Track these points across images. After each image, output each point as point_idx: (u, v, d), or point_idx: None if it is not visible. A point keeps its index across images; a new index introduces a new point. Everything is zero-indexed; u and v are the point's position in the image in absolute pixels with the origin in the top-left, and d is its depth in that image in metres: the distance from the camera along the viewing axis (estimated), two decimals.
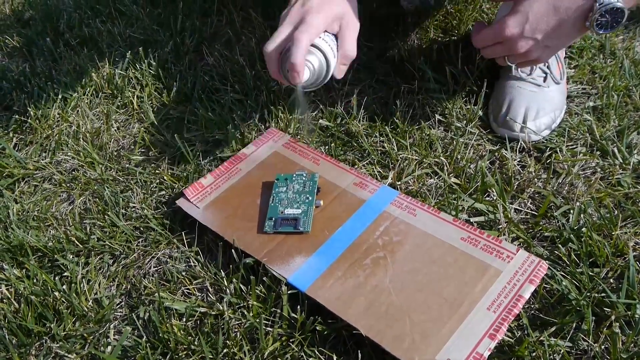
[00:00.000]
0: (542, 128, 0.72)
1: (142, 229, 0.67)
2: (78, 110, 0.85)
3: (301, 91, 0.61)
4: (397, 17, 0.94)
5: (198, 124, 0.80)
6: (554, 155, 0.70)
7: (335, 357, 0.53)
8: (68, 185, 0.73)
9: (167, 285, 0.61)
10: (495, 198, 0.66)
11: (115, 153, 0.78)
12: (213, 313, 0.57)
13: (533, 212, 0.65)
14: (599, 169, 0.69)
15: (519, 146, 0.72)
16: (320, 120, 0.78)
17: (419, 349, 0.50)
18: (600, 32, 0.59)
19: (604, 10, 0.57)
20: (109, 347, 0.55)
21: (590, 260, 0.59)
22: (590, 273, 0.57)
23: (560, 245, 0.60)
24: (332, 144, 0.74)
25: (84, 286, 0.61)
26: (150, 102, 0.85)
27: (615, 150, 0.70)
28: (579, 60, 0.86)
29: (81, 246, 0.65)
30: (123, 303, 0.60)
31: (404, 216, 0.62)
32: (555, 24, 0.60)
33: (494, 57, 0.67)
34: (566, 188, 0.66)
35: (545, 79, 0.75)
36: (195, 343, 0.54)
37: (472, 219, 0.64)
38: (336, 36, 0.61)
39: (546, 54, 0.64)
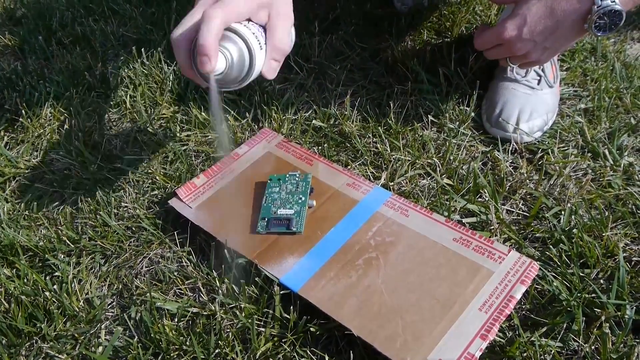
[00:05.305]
0: (535, 130, 0.73)
1: (134, 228, 0.66)
2: (70, 109, 0.85)
3: (215, 88, 0.48)
4: (391, 18, 0.95)
5: (191, 124, 0.80)
6: (545, 156, 0.71)
7: (327, 358, 0.53)
8: (59, 184, 0.73)
9: (159, 286, 0.60)
10: (487, 199, 0.66)
11: (107, 152, 0.77)
12: (205, 313, 0.57)
13: (524, 213, 0.65)
14: (590, 171, 0.69)
15: (511, 147, 0.72)
16: (314, 121, 0.78)
17: (411, 350, 0.50)
18: (599, 34, 0.59)
19: (602, 13, 0.57)
20: (100, 348, 0.55)
21: (581, 261, 0.59)
22: (581, 274, 0.57)
23: (551, 246, 0.60)
24: (325, 145, 0.74)
25: (75, 286, 0.60)
26: (143, 101, 0.85)
27: (606, 152, 0.71)
28: (570, 62, 0.87)
29: (72, 246, 0.65)
30: (114, 303, 0.60)
31: (397, 217, 0.62)
32: (552, 26, 0.60)
33: (496, 58, 0.67)
34: (557, 189, 0.67)
35: (539, 81, 0.76)
36: (187, 343, 0.54)
37: (464, 220, 0.64)
38: (265, 28, 0.52)
39: (546, 56, 0.64)
